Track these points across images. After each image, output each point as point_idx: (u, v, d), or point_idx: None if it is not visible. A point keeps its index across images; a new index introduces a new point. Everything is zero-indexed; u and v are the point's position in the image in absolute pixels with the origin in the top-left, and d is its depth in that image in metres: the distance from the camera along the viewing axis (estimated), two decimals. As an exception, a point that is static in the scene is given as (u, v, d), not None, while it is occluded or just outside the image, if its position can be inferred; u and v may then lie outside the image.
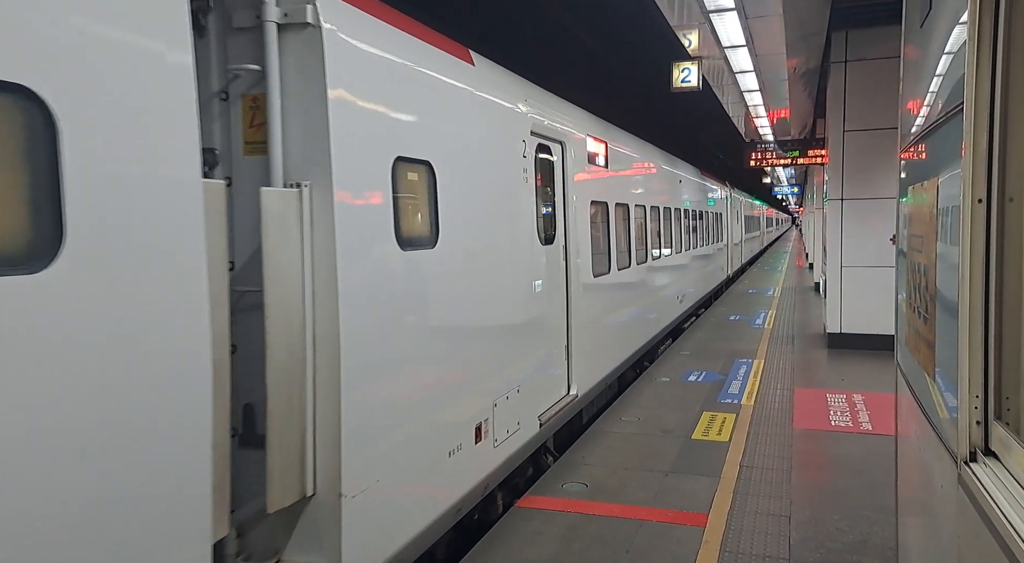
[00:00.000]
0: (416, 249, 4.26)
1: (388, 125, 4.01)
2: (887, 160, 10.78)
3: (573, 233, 7.05)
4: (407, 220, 4.22)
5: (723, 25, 11.56)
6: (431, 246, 4.41)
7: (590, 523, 5.39)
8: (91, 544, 2.25)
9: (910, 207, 3.31)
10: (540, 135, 6.38)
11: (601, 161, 8.36)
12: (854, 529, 5.21)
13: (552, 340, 6.60)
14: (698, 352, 11.99)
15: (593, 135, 8.12)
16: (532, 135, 6.15)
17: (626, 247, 9.60)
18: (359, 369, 3.69)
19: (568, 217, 6.99)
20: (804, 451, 6.91)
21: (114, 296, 2.31)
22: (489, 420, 5.20)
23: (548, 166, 6.68)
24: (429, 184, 4.45)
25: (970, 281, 2.15)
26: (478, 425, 5.04)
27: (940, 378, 2.54)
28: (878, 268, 11.22)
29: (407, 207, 4.22)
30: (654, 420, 8.00)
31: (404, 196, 4.15)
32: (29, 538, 2.05)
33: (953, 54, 2.45)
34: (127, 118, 2.36)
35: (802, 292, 21.13)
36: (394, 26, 4.28)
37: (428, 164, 4.40)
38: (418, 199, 4.39)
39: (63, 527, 2.16)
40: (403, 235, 4.09)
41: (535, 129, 6.22)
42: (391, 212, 3.97)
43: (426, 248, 4.37)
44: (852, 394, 8.93)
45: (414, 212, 4.35)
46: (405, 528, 4.18)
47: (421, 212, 4.43)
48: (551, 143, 6.74)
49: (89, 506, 2.24)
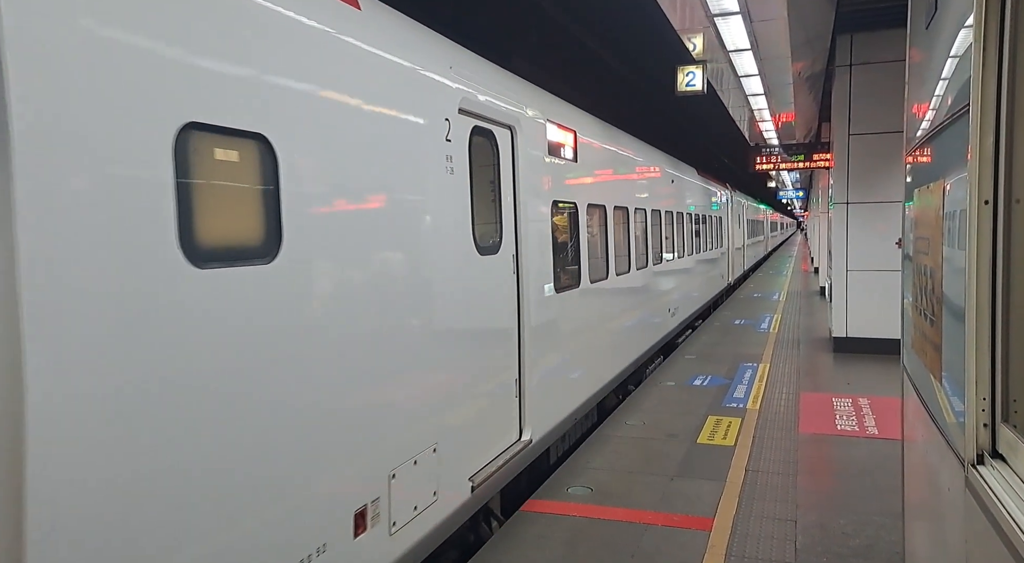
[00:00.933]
0: (234, 263, 2.94)
1: (167, 73, 2.66)
2: (892, 164, 10.76)
3: (528, 241, 5.86)
4: (208, 219, 2.87)
5: (728, 29, 11.56)
6: (265, 259, 3.11)
7: (595, 527, 5.38)
8: None
9: (916, 210, 3.31)
10: (476, 115, 5.08)
11: (569, 153, 7.12)
12: (861, 533, 5.19)
13: (495, 374, 5.37)
14: (703, 356, 11.96)
15: (557, 121, 6.81)
16: (462, 114, 4.84)
17: (602, 256, 8.43)
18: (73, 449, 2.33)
19: (521, 221, 5.75)
20: (810, 455, 6.88)
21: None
22: (382, 499, 3.91)
23: (490, 156, 5.44)
24: (263, 168, 3.15)
25: (976, 283, 2.14)
26: (360, 509, 3.74)
27: (947, 381, 2.54)
28: (884, 272, 11.19)
29: (207, 199, 2.87)
30: (659, 424, 7.98)
31: (203, 183, 2.84)
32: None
33: (959, 57, 2.44)
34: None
35: (807, 296, 21.09)
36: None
37: (263, 139, 3.12)
38: (240, 188, 3.11)
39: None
40: (197, 242, 2.76)
41: (467, 107, 4.92)
42: (168, 206, 2.63)
43: (255, 261, 3.06)
44: (858, 398, 8.90)
45: (227, 207, 3.05)
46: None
47: (244, 208, 3.12)
48: (495, 127, 5.43)
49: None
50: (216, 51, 2.89)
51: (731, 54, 12.87)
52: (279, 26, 3.26)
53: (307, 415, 3.36)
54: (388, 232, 4.03)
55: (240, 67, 3.01)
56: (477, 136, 5.14)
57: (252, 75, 3.08)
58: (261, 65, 3.13)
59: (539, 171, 6.23)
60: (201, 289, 2.76)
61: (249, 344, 3.01)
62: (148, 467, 2.57)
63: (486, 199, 5.37)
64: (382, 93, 4.05)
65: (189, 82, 2.75)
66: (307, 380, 3.37)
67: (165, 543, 2.64)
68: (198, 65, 2.79)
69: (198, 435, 2.77)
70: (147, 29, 2.59)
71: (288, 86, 3.29)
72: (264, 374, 3.10)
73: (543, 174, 6.36)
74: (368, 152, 3.86)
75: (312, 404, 3.40)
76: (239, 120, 2.98)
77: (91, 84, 2.38)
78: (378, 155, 3.95)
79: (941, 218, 2.61)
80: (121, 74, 2.48)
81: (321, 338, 3.46)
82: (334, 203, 3.61)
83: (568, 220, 7.21)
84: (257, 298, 3.05)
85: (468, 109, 4.95)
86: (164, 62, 2.65)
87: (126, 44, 2.50)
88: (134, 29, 2.54)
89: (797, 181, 45.25)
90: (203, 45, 2.83)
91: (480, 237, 5.06)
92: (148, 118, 2.57)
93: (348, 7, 3.86)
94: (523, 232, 5.78)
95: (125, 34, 2.50)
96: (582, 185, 7.64)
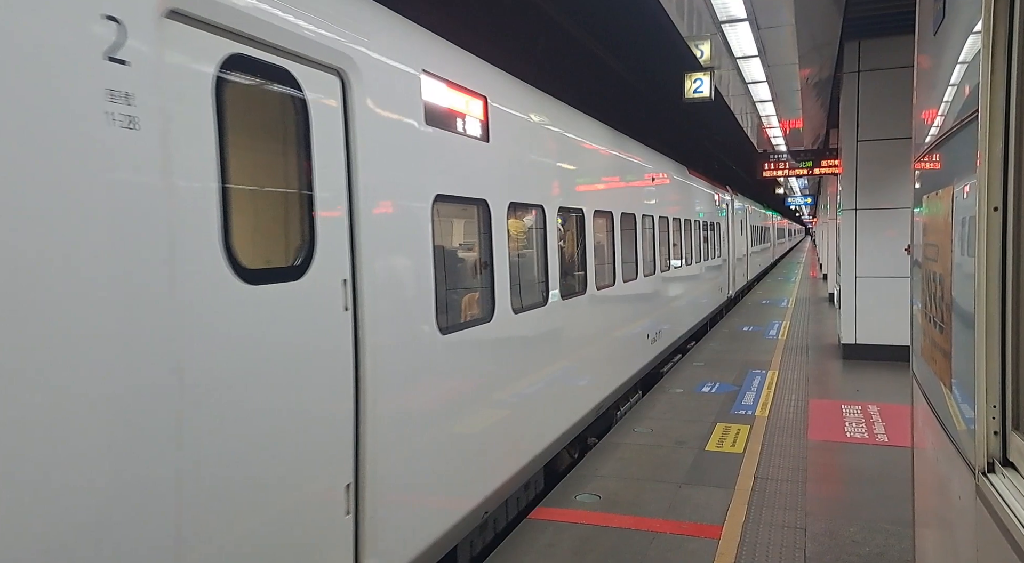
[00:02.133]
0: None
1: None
2: (901, 170, 10.73)
3: (383, 255, 3.90)
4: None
5: (735, 35, 11.58)
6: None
7: (603, 535, 5.36)
8: None
9: (925, 216, 3.29)
10: (227, 31, 2.92)
11: (474, 129, 5.03)
12: (870, 542, 5.16)
13: (285, 491, 3.22)
14: (711, 363, 11.92)
15: (443, 76, 4.65)
16: (179, 20, 2.70)
17: (540, 274, 6.36)
18: None
19: (366, 225, 3.72)
20: (819, 463, 6.85)
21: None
22: None
23: (281, 113, 3.39)
24: None
25: (986, 290, 2.13)
26: None
27: (957, 388, 2.52)
28: (893, 278, 11.15)
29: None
30: (667, 431, 7.96)
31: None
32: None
33: (967, 62, 2.44)
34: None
35: (816, 303, 21.02)
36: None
37: None
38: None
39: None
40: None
41: (193, 10, 2.73)
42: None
43: None
44: (867, 405, 8.85)
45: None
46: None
47: None
48: (297, 66, 3.33)
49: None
50: None
51: (739, 61, 12.88)
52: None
53: None
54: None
55: None
56: (243, 75, 3.07)
57: None
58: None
59: (409, 148, 4.24)
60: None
61: None
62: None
63: (276, 182, 3.57)
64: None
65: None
66: None
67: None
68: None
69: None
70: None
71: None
72: None
73: (417, 154, 4.34)
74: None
75: None
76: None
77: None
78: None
79: (950, 224, 2.60)
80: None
81: None
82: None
83: (478, 226, 5.26)
84: None
85: (198, 15, 2.78)
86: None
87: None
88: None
89: (805, 187, 45.17)
90: None
91: (234, 249, 2.94)
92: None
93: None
94: (372, 243, 3.78)
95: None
96: (495, 175, 5.46)
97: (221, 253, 2.86)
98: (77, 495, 2.29)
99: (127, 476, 2.45)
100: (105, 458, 2.38)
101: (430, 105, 4.49)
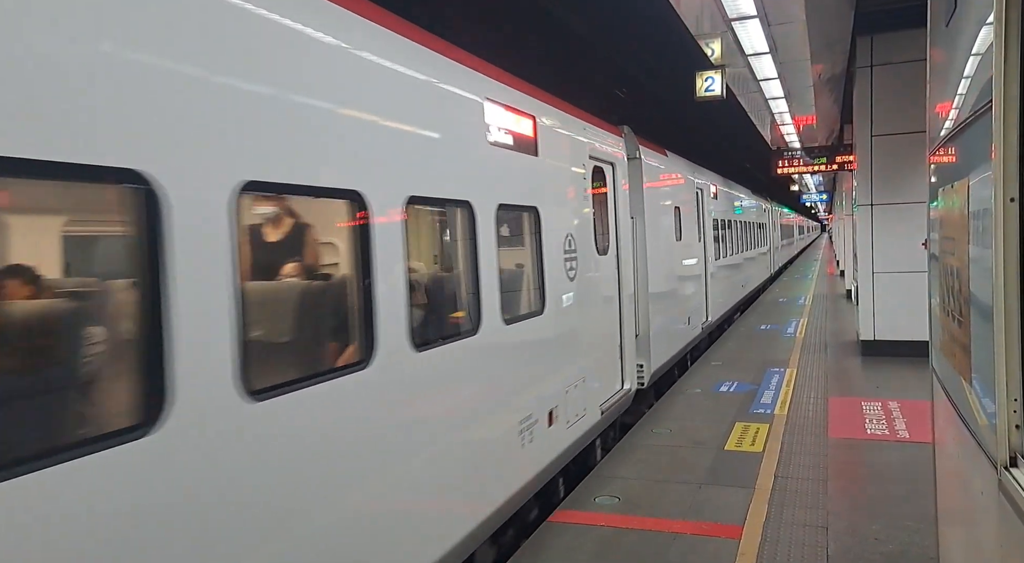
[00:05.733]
0: None
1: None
2: (916, 164, 10.64)
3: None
4: None
5: (746, 33, 11.54)
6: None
7: (624, 537, 5.34)
8: None
9: (941, 210, 3.27)
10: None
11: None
12: (893, 539, 5.11)
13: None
14: (729, 362, 11.87)
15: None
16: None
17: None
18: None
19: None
20: (839, 460, 6.80)
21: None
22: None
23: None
24: None
25: (1004, 282, 2.11)
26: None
27: (977, 382, 2.50)
28: (910, 273, 11.06)
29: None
30: (686, 432, 7.93)
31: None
32: None
33: (980, 54, 2.42)
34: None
35: (834, 299, 20.88)
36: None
37: None
38: None
39: None
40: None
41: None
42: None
43: None
44: (887, 402, 8.78)
45: None
46: None
47: None
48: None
49: None
50: None
51: (750, 58, 12.84)
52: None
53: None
54: None
55: None
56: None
57: None
58: None
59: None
60: None
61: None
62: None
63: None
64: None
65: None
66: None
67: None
68: None
69: None
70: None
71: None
72: None
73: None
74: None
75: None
76: None
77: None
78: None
79: (966, 217, 2.57)
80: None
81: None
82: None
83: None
84: None
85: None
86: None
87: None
88: None
89: (821, 184, 44.91)
90: None
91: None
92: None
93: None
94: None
95: None
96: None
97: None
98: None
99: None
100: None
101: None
